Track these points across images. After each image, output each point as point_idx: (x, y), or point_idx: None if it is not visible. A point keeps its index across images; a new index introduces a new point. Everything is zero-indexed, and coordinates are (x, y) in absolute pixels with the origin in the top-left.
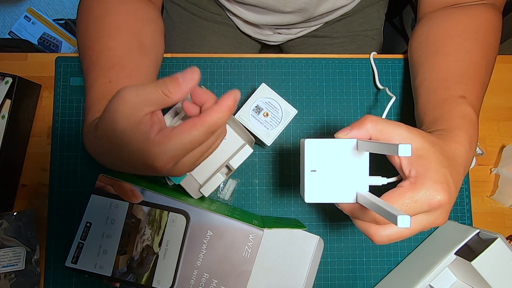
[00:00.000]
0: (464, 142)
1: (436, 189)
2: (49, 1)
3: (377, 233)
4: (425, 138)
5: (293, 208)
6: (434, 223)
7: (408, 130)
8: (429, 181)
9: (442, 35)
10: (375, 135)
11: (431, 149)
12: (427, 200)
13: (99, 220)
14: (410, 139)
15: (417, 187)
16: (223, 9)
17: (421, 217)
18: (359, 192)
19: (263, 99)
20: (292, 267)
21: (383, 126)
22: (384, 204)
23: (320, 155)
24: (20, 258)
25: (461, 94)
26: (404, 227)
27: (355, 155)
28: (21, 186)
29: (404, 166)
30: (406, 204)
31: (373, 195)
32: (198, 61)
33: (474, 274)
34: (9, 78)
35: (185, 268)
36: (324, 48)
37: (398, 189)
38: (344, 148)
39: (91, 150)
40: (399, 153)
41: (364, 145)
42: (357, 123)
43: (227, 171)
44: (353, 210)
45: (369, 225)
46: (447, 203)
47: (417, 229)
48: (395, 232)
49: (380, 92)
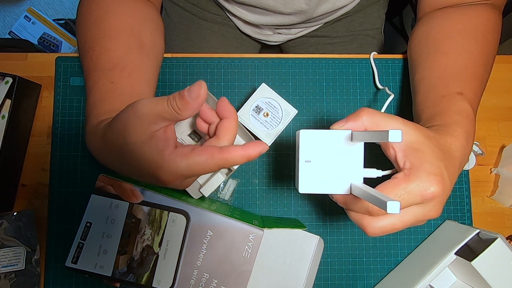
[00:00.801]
0: (461, 137)
1: (429, 180)
2: (49, 1)
3: (370, 225)
4: (421, 131)
5: (293, 208)
6: (428, 215)
7: (404, 123)
8: (423, 173)
9: (442, 34)
10: (370, 127)
11: (427, 142)
12: (421, 191)
13: (99, 220)
14: (405, 132)
15: (411, 179)
16: (222, 9)
17: (414, 208)
18: (353, 183)
19: (263, 99)
20: (292, 267)
21: (379, 118)
22: (376, 192)
23: (315, 146)
24: (20, 258)
25: (459, 90)
26: (394, 212)
27: (349, 146)
28: (21, 186)
29: (399, 158)
30: (400, 195)
31: (365, 185)
32: (198, 61)
33: (474, 274)
34: (9, 78)
35: (185, 268)
36: (324, 48)
37: (392, 180)
38: (339, 140)
39: (95, 153)
40: (389, 139)
41: (358, 136)
42: (353, 115)
43: (227, 171)
44: (347, 201)
45: (362, 217)
46: (440, 195)
47: (410, 221)
48: (388, 224)
49: (380, 92)
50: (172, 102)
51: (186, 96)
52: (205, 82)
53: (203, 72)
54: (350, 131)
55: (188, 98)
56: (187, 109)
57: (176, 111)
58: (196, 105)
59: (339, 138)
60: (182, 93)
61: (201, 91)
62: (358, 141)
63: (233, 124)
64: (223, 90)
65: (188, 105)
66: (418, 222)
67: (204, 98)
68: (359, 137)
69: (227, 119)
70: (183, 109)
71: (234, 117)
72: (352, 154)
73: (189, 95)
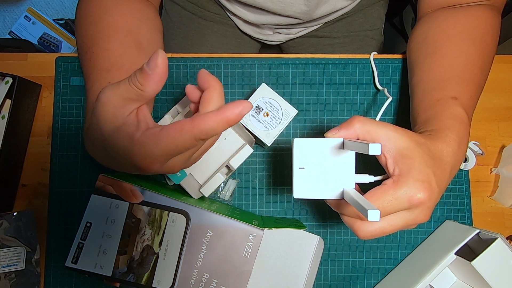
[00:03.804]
0: (452, 142)
1: (417, 187)
2: (49, 1)
3: (361, 228)
4: (411, 138)
5: (293, 208)
6: (416, 219)
7: (395, 130)
8: (411, 179)
9: (440, 35)
10: (362, 135)
11: (416, 149)
12: (408, 197)
13: (99, 220)
14: (396, 139)
15: (399, 185)
16: (222, 8)
17: (403, 213)
18: (345, 189)
19: (263, 99)
20: (292, 267)
21: (370, 127)
22: (361, 199)
23: (308, 154)
24: (20, 258)
25: (454, 95)
26: (374, 220)
27: (342, 153)
28: (21, 186)
29: (389, 165)
30: (388, 201)
31: (356, 191)
32: (198, 61)
33: (474, 274)
34: (9, 78)
35: (185, 268)
36: (324, 48)
37: (381, 186)
38: (331, 147)
39: (90, 152)
40: (369, 152)
41: (348, 145)
42: (346, 123)
43: (227, 171)
44: (339, 206)
45: (354, 221)
46: (427, 201)
47: (398, 225)
48: (378, 228)
49: (380, 93)
50: (133, 79)
51: (145, 68)
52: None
53: None
54: (342, 139)
55: (147, 69)
56: (149, 81)
57: (138, 87)
58: (157, 76)
59: (331, 146)
60: (141, 67)
61: (158, 60)
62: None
63: (214, 93)
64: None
65: (148, 77)
66: (408, 226)
67: (164, 66)
68: (349, 147)
69: (208, 89)
70: (144, 83)
71: (215, 86)
72: (344, 161)
73: (147, 66)
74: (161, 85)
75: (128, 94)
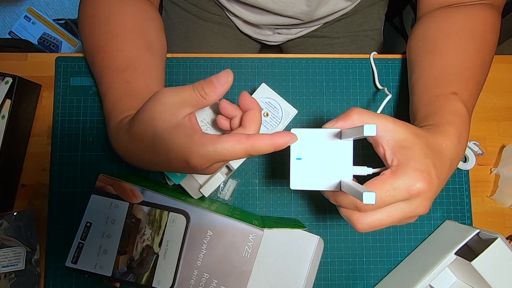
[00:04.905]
0: (452, 136)
1: (415, 177)
2: (49, 1)
3: (359, 220)
4: (410, 129)
5: (293, 208)
6: (416, 211)
7: (394, 121)
8: (410, 169)
9: (440, 34)
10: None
11: (415, 140)
12: (406, 187)
13: (99, 220)
14: (394, 130)
15: (397, 175)
16: (222, 9)
17: (402, 204)
18: (343, 180)
19: (263, 99)
20: (292, 267)
21: (369, 118)
22: (356, 185)
23: (306, 144)
24: (20, 258)
25: (454, 90)
26: (369, 203)
27: (339, 144)
28: (21, 186)
29: (388, 156)
30: (386, 191)
31: (354, 181)
32: (198, 61)
33: (474, 274)
34: (9, 78)
35: (185, 268)
36: (324, 48)
37: (379, 177)
38: (328, 138)
39: (122, 149)
40: (364, 133)
41: (345, 133)
42: (344, 115)
43: (227, 171)
44: (337, 198)
45: (352, 213)
46: (427, 191)
47: (398, 217)
48: (376, 219)
49: (380, 92)
50: (199, 87)
51: (214, 81)
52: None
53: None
54: (339, 129)
55: (216, 83)
56: (214, 93)
57: (203, 96)
58: (222, 90)
59: (328, 137)
60: (210, 79)
61: (229, 78)
62: (346, 139)
63: (258, 114)
64: None
65: (216, 89)
66: (407, 218)
67: (230, 85)
68: (346, 135)
69: (251, 110)
70: (210, 94)
71: (258, 108)
72: (341, 152)
73: (217, 80)
74: (220, 97)
75: (190, 99)
